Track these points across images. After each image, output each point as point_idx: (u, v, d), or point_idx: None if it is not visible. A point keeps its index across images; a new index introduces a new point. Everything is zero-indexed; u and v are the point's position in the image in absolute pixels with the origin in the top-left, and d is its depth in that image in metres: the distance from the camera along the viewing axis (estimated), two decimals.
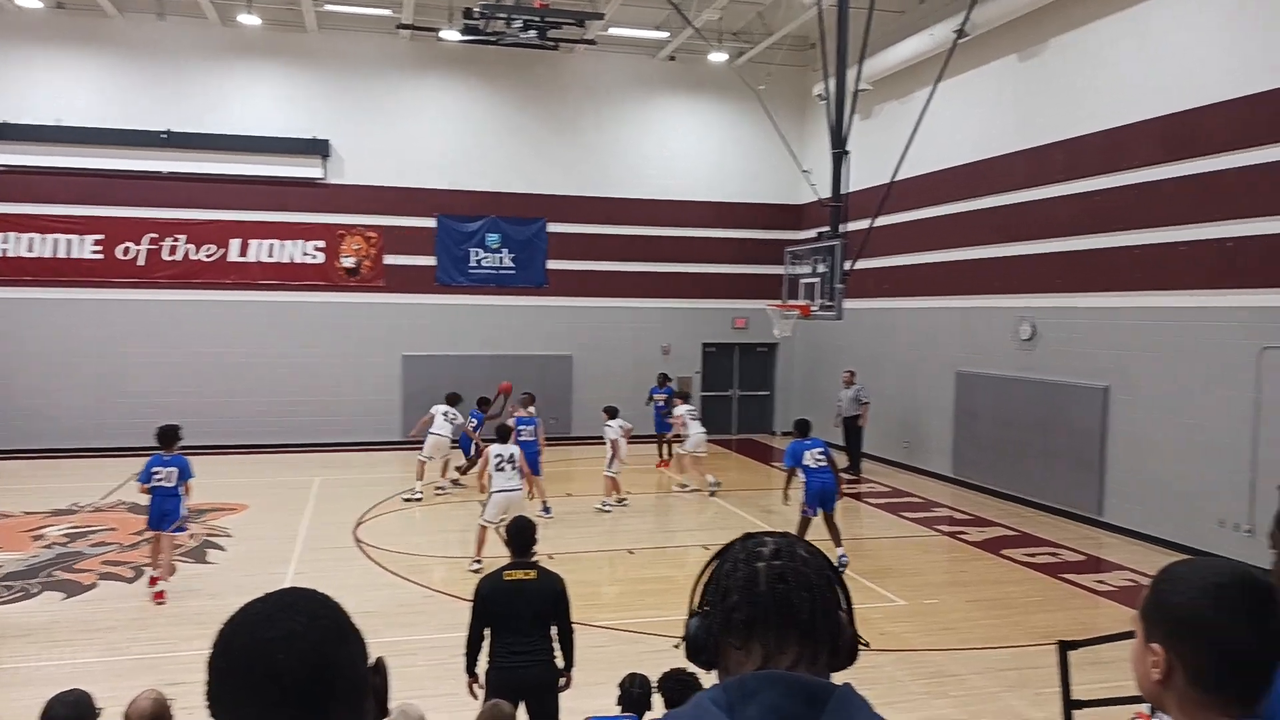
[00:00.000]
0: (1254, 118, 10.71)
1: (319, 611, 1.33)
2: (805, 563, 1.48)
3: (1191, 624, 1.53)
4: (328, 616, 1.33)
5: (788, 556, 1.48)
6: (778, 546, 1.50)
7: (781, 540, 1.52)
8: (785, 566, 1.46)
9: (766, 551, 1.49)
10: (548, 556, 10.55)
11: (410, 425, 19.37)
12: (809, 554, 1.51)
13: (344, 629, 1.34)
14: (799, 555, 1.49)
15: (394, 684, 1.43)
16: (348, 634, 1.34)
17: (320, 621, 1.31)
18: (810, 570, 1.47)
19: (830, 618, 1.45)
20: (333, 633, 1.32)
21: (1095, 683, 5.79)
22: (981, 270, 15.45)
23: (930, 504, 14.73)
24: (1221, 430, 11.03)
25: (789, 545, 1.52)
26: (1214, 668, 1.52)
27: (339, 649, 1.31)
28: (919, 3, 16.70)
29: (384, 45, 19.20)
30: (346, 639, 1.34)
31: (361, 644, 1.36)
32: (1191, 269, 11.51)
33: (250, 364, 18.72)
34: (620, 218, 20.66)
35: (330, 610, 1.35)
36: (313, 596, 1.36)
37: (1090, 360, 13.10)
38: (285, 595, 1.35)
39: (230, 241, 18.68)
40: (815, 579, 1.46)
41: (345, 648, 1.32)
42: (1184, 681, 1.55)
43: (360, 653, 1.35)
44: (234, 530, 12.19)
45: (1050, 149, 13.89)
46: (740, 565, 1.49)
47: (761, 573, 1.46)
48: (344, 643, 1.33)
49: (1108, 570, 11.04)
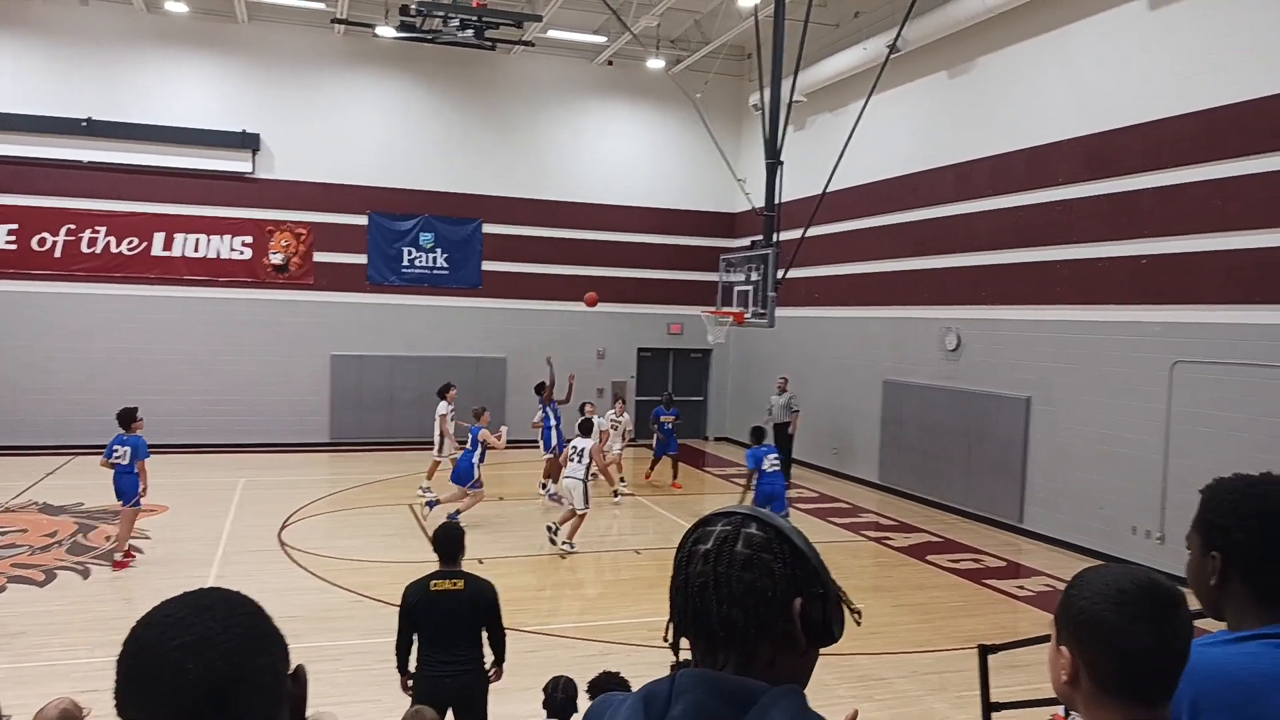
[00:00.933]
0: (1167, 140, 11.14)
1: (235, 616, 1.25)
2: (744, 564, 1.40)
3: (1094, 627, 1.59)
4: (244, 622, 1.26)
5: (722, 560, 1.41)
6: (717, 546, 1.43)
7: (728, 531, 1.45)
8: (711, 574, 1.41)
9: (701, 552, 1.44)
10: (478, 562, 10.46)
11: (338, 426, 19.11)
12: (751, 549, 1.42)
13: (262, 635, 1.27)
14: (736, 556, 1.41)
15: (318, 690, 1.41)
16: (266, 640, 1.27)
17: (234, 628, 1.23)
18: (740, 576, 1.40)
19: (761, 622, 1.39)
20: (248, 639, 1.24)
21: (1015, 685, 5.94)
22: (909, 281, 15.78)
23: (857, 510, 14.98)
24: (1136, 441, 11.43)
25: (731, 540, 1.43)
26: (1115, 670, 1.57)
27: (254, 657, 1.24)
28: (853, 17, 17.01)
29: (317, 39, 18.88)
30: (264, 646, 1.26)
31: (281, 650, 1.29)
32: (1109, 284, 11.92)
33: (173, 361, 18.20)
34: (557, 220, 20.61)
35: (248, 614, 1.27)
36: (230, 599, 1.28)
37: (1013, 371, 13.47)
38: (202, 597, 1.27)
39: (154, 235, 18.16)
40: (742, 587, 1.39)
41: (261, 655, 1.25)
42: (1089, 683, 1.60)
43: (279, 660, 1.28)
44: (153, 532, 11.84)
45: (977, 165, 14.25)
46: (679, 568, 1.47)
47: (691, 580, 1.43)
48: (260, 650, 1.25)
49: (1027, 576, 11.35)
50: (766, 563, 1.41)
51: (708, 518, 1.51)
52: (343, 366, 19.21)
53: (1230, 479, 2.00)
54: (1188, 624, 1.60)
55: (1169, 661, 1.57)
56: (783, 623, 1.40)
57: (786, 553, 1.43)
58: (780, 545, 1.43)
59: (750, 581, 1.40)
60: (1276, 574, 1.88)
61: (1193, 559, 2.01)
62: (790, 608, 1.40)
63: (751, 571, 1.40)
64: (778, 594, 1.40)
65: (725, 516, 1.49)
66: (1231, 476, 2.00)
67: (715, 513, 1.51)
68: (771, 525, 1.46)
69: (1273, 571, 1.88)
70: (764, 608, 1.40)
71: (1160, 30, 11.32)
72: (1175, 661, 1.58)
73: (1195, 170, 10.77)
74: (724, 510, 1.51)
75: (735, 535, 1.44)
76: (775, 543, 1.43)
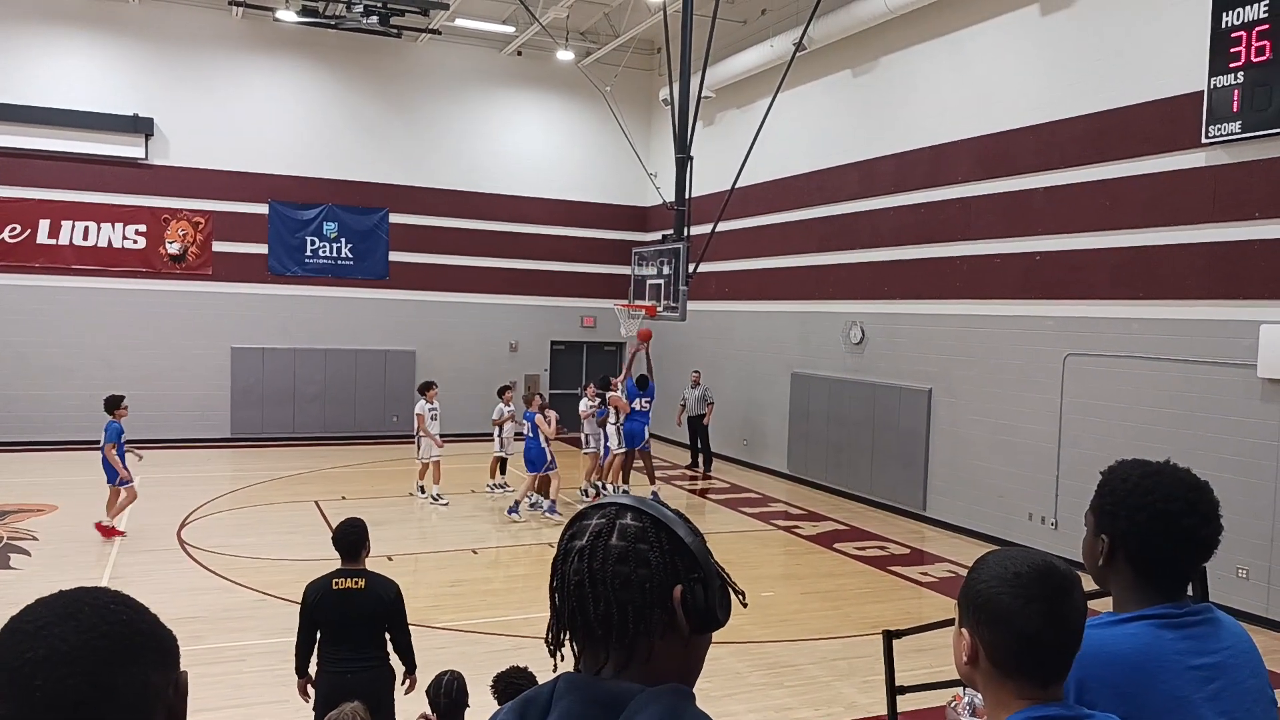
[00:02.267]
0: (1056, 142, 11.61)
1: (102, 624, 1.14)
2: (619, 557, 1.38)
3: (991, 609, 1.65)
4: (111, 631, 1.14)
5: (597, 556, 1.39)
6: (591, 542, 1.40)
7: (602, 525, 1.41)
8: (586, 571, 1.39)
9: (576, 548, 1.41)
10: (387, 559, 10.30)
11: (240, 420, 18.54)
12: (626, 541, 1.39)
13: (132, 644, 1.16)
14: (611, 550, 1.39)
15: (220, 693, 1.36)
16: (136, 649, 1.16)
17: (98, 639, 1.13)
18: (617, 570, 1.38)
19: (639, 615, 1.37)
20: (115, 650, 1.13)
21: (919, 669, 6.14)
22: (815, 276, 16.09)
23: (768, 499, 15.23)
24: (1031, 431, 11.89)
25: (605, 534, 1.40)
26: (1011, 650, 1.64)
27: (119, 669, 1.13)
28: (760, 14, 17.22)
29: (215, 22, 18.21)
30: (134, 655, 1.15)
31: (156, 658, 1.18)
32: (1005, 280, 12.36)
33: (63, 355, 17.37)
34: (467, 211, 20.36)
35: (118, 622, 1.16)
36: (102, 603, 1.17)
37: (915, 364, 13.86)
38: (70, 602, 1.16)
39: (39, 222, 17.28)
40: (619, 581, 1.37)
41: (131, 666, 1.14)
42: (987, 663, 1.67)
43: (151, 669, 1.17)
44: (40, 533, 11.31)
45: (879, 162, 14.60)
46: (555, 567, 1.44)
47: (568, 579, 1.41)
48: (129, 660, 1.14)
49: (931, 562, 11.71)
50: (643, 553, 1.39)
51: (584, 511, 1.47)
52: (244, 360, 18.64)
53: (1128, 465, 2.06)
54: (1081, 607, 1.67)
55: (1062, 642, 1.64)
56: (662, 613, 1.38)
57: (664, 540, 1.41)
58: (657, 534, 1.41)
59: (626, 575, 1.38)
60: (1157, 561, 1.98)
61: (1086, 537, 2.11)
62: (670, 597, 1.39)
63: (627, 564, 1.38)
64: (655, 584, 1.38)
65: (600, 509, 1.45)
66: (1130, 463, 2.06)
67: (591, 505, 1.48)
68: (648, 514, 1.43)
69: (1154, 559, 1.98)
70: (641, 600, 1.37)
71: (1051, 36, 11.77)
72: (1068, 642, 1.65)
73: (1083, 171, 11.25)
74: (600, 502, 1.48)
75: (610, 528, 1.41)
76: (651, 531, 1.41)
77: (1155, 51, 10.44)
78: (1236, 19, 9.38)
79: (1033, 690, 1.64)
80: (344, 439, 19.10)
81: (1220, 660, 1.93)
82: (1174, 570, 2.00)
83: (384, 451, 18.16)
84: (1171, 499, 1.95)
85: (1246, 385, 9.44)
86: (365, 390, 19.50)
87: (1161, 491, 1.96)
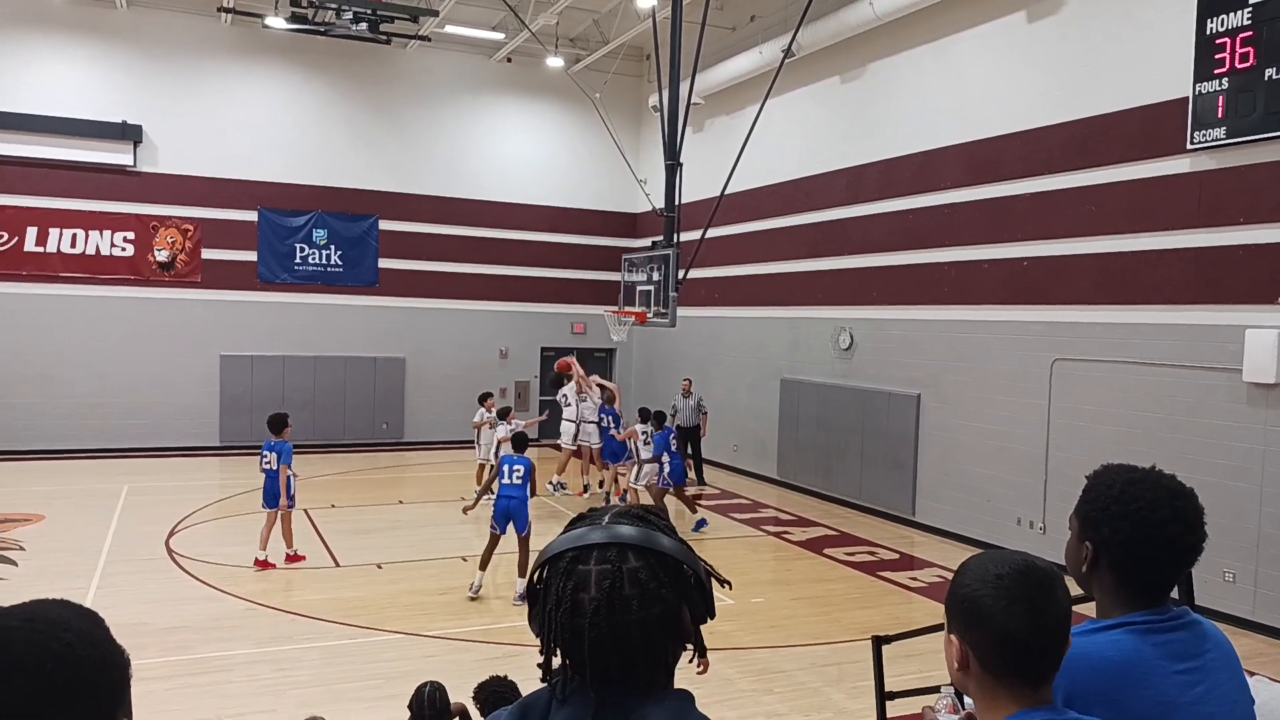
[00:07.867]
0: (1042, 148, 11.67)
1: (33, 650, 1.05)
2: (639, 605, 1.36)
3: (975, 611, 1.65)
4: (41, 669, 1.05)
5: (615, 611, 1.35)
6: (606, 597, 1.36)
7: (610, 573, 1.37)
8: (605, 627, 1.35)
9: (586, 601, 1.36)
10: (376, 566, 10.26)
11: (229, 428, 18.47)
12: (639, 588, 1.37)
13: (70, 677, 1.07)
14: (629, 603, 1.36)
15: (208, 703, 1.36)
16: (76, 683, 1.07)
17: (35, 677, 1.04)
18: (641, 622, 1.36)
19: (661, 650, 1.41)
20: (40, 690, 1.04)
21: (908, 674, 6.14)
22: (804, 282, 16.13)
23: (757, 505, 15.23)
24: (1019, 435, 11.93)
25: (617, 585, 1.37)
26: (997, 651, 1.64)
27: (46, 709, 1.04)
28: (749, 20, 17.28)
29: (204, 28, 18.18)
30: (73, 689, 1.06)
31: (106, 683, 1.10)
32: (993, 285, 12.42)
33: (53, 363, 17.28)
34: (456, 218, 20.35)
35: (53, 653, 1.06)
36: (40, 629, 1.08)
37: (903, 369, 13.90)
38: (3, 630, 1.08)
39: (27, 229, 17.20)
40: (643, 634, 1.36)
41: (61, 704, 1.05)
42: (977, 666, 1.67)
43: (100, 696, 1.09)
44: (28, 542, 11.23)
45: (868, 169, 14.66)
46: (556, 617, 1.38)
47: (581, 634, 1.36)
48: (68, 695, 1.05)
49: (920, 567, 11.73)
50: (655, 592, 1.38)
51: (578, 553, 1.40)
52: (233, 367, 18.58)
53: (1113, 471, 2.04)
54: (1064, 604, 1.67)
55: (1046, 640, 1.64)
56: (677, 642, 1.44)
57: (670, 568, 1.41)
58: (661, 568, 1.40)
59: (646, 623, 1.37)
60: (1139, 570, 1.98)
61: (1070, 541, 2.12)
62: (682, 620, 1.42)
63: (645, 610, 1.37)
64: (671, 618, 1.40)
65: (598, 551, 1.39)
66: (1115, 468, 2.05)
67: (582, 545, 1.41)
68: (649, 550, 1.40)
69: (1136, 567, 1.98)
70: (662, 637, 1.40)
71: (1038, 43, 11.84)
72: (1053, 640, 1.65)
73: (1070, 177, 11.31)
74: (589, 542, 1.41)
75: (619, 577, 1.37)
76: (658, 568, 1.39)
77: (1141, 58, 10.52)
78: (1221, 26, 9.45)
79: (1023, 692, 1.65)
80: (333, 447, 19.04)
81: (1203, 664, 1.95)
82: (1157, 577, 2.00)
83: (374, 459, 18.12)
84: (1156, 507, 1.95)
85: (1231, 389, 9.50)
86: (355, 397, 19.45)
87: (1145, 499, 1.95)
